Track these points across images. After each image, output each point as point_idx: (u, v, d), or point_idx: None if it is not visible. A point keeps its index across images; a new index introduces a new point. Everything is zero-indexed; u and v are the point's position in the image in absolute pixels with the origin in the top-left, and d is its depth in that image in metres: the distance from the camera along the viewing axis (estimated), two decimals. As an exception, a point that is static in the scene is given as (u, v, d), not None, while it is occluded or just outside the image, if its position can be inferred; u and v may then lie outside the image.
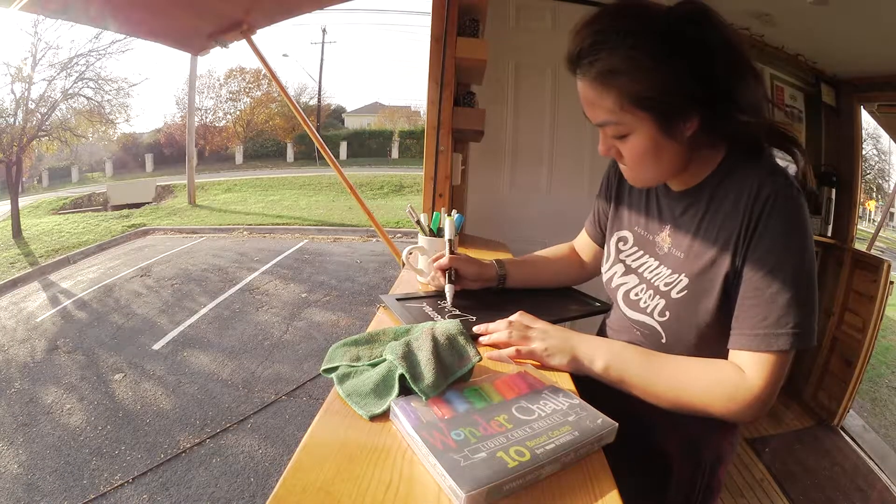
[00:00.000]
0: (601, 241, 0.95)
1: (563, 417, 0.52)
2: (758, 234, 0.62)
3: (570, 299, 0.99)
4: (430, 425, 0.49)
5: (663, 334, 0.72)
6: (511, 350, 0.69)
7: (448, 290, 0.88)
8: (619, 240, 0.83)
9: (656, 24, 0.60)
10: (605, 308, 0.91)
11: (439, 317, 0.81)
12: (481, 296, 0.96)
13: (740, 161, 0.67)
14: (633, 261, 0.80)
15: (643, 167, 0.68)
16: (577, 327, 0.78)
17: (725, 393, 0.62)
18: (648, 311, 0.73)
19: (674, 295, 0.70)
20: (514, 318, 0.74)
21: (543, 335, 0.70)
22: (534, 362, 0.69)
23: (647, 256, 0.77)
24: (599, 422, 0.52)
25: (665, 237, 0.75)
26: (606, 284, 0.85)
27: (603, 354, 0.67)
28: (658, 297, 0.72)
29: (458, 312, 0.84)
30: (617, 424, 0.52)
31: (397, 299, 0.90)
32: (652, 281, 0.74)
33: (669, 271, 0.72)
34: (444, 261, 0.90)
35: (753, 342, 0.62)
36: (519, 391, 0.57)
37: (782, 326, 0.60)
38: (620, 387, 0.67)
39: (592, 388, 0.66)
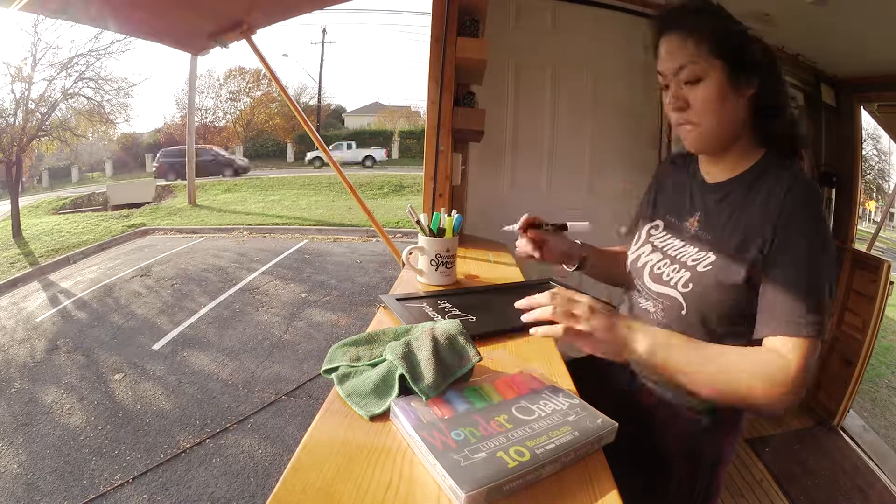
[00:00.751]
0: None
1: (563, 417, 0.52)
2: (793, 231, 0.68)
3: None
4: (430, 425, 0.49)
5: (684, 305, 0.76)
6: (559, 329, 0.64)
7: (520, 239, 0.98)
8: (652, 227, 0.90)
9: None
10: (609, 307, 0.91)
11: (439, 317, 0.81)
12: (481, 296, 0.96)
13: (774, 162, 0.75)
14: (661, 242, 0.86)
15: (707, 115, 0.74)
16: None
17: (769, 375, 0.63)
18: (672, 283, 0.78)
19: (700, 269, 0.75)
20: (556, 290, 0.69)
21: (590, 314, 0.65)
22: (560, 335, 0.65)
23: (674, 238, 0.84)
24: (599, 422, 0.52)
25: (693, 222, 0.81)
26: (632, 264, 0.89)
27: (646, 338, 0.65)
28: (683, 269, 0.77)
29: (457, 312, 0.84)
30: (617, 424, 0.52)
31: (397, 299, 0.90)
32: (677, 257, 0.80)
33: (696, 249, 0.78)
34: (538, 232, 0.98)
35: (791, 328, 0.65)
36: (519, 391, 0.57)
37: (812, 316, 0.65)
38: (662, 372, 0.65)
39: (593, 388, 0.66)
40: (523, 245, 0.99)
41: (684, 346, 0.67)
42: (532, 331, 0.66)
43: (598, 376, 0.82)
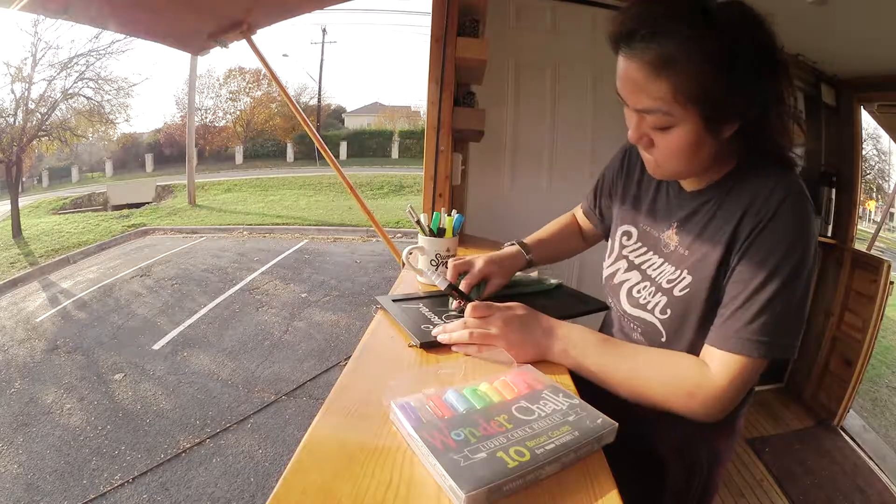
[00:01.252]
0: (595, 212, 0.97)
1: (563, 417, 0.52)
2: (761, 237, 0.61)
3: (570, 298, 0.99)
4: (430, 425, 0.49)
5: (663, 332, 0.71)
6: (473, 349, 0.68)
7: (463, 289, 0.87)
8: (624, 234, 0.82)
9: (714, 19, 0.56)
10: (605, 307, 0.91)
11: (437, 318, 0.81)
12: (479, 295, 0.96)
13: (755, 166, 0.66)
14: (637, 257, 0.78)
15: (675, 161, 0.65)
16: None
17: (685, 389, 0.61)
18: (650, 307, 0.73)
19: (676, 293, 0.69)
20: (467, 312, 0.71)
21: (504, 325, 0.68)
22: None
23: (652, 254, 0.76)
24: (599, 422, 0.52)
25: (671, 235, 0.73)
26: (607, 281, 0.83)
27: (560, 341, 0.67)
28: (660, 293, 0.71)
29: (455, 313, 0.84)
30: (617, 424, 0.52)
31: (394, 300, 0.90)
32: (655, 278, 0.73)
33: (673, 268, 0.71)
34: (476, 272, 0.87)
35: (732, 344, 0.60)
36: (519, 391, 0.57)
37: (765, 335, 0.59)
38: (579, 372, 0.66)
39: (593, 387, 0.66)
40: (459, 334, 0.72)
41: (600, 347, 0.66)
42: (454, 348, 0.70)
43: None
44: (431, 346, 0.71)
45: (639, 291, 0.75)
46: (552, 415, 0.53)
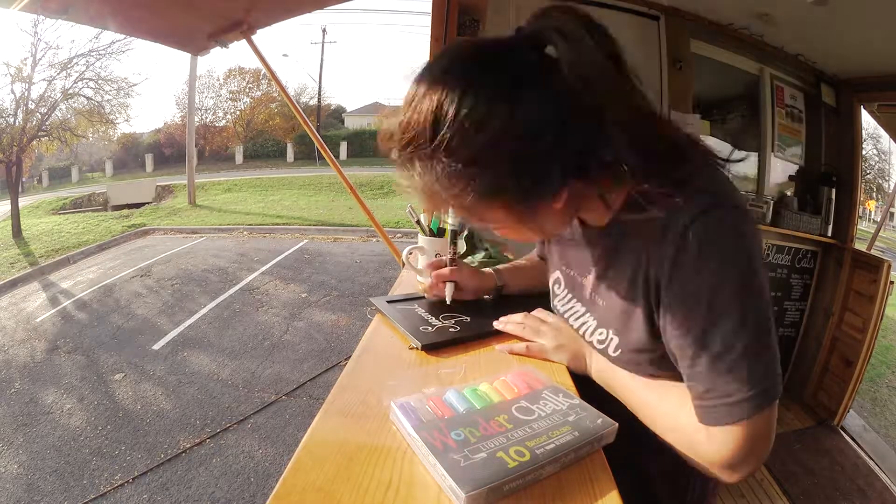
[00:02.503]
0: (546, 256, 0.89)
1: (563, 417, 0.52)
2: (674, 285, 0.50)
3: None
4: (430, 425, 0.49)
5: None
6: (521, 346, 0.71)
7: (448, 289, 0.88)
8: (555, 282, 0.76)
9: (501, 76, 0.46)
10: None
11: (433, 318, 0.81)
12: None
13: (652, 189, 0.49)
14: (564, 307, 0.72)
15: (519, 239, 0.59)
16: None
17: (685, 447, 0.55)
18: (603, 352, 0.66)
19: (612, 353, 0.62)
20: (532, 313, 0.74)
21: (555, 332, 0.70)
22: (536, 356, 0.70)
23: (575, 301, 0.69)
24: (599, 422, 0.52)
25: (591, 280, 0.65)
26: None
27: (599, 359, 0.66)
28: (596, 353, 0.66)
29: (451, 314, 0.84)
30: (617, 424, 0.52)
31: (388, 301, 0.89)
32: (583, 333, 0.67)
33: (595, 324, 0.65)
34: (446, 272, 0.87)
35: (705, 416, 0.51)
36: (519, 391, 0.57)
37: (735, 394, 0.48)
38: (611, 392, 0.65)
39: (593, 388, 0.66)
40: (434, 287, 0.87)
41: (626, 378, 0.61)
42: (498, 347, 0.71)
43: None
44: (433, 347, 0.71)
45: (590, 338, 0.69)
46: (552, 415, 0.53)
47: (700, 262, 0.48)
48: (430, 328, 0.76)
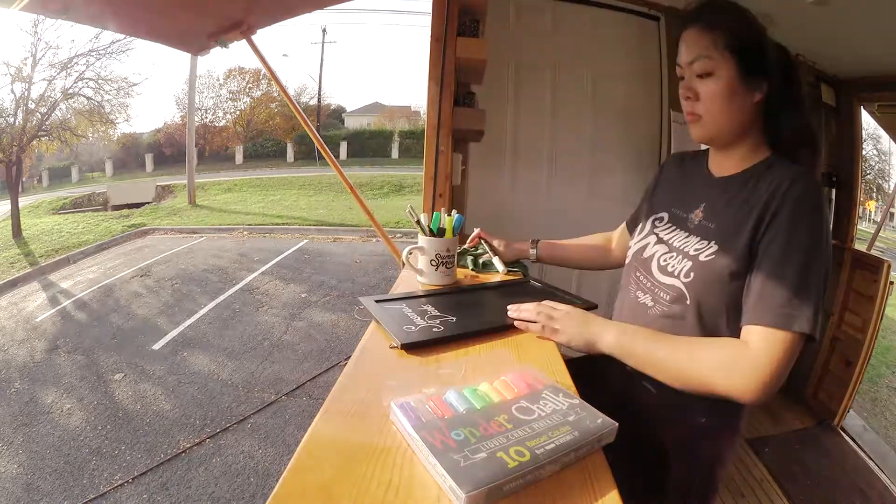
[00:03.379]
0: (634, 222, 1.02)
1: (562, 417, 0.52)
2: (790, 223, 0.67)
3: (553, 298, 0.99)
4: (430, 425, 0.49)
5: (688, 296, 0.76)
6: (537, 326, 0.79)
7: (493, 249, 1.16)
8: (656, 218, 0.91)
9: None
10: (591, 306, 0.93)
11: (419, 318, 0.81)
12: (463, 296, 0.97)
13: (779, 160, 0.76)
14: (666, 234, 0.86)
15: (713, 109, 0.76)
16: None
17: (726, 367, 0.64)
18: (676, 273, 0.79)
19: (702, 258, 0.76)
20: (544, 302, 0.83)
21: (567, 317, 0.78)
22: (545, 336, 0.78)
23: (679, 230, 0.84)
24: (599, 422, 0.52)
25: (698, 213, 0.82)
26: (635, 256, 0.90)
27: (612, 330, 0.75)
28: (686, 259, 0.78)
29: (436, 313, 0.84)
30: (617, 424, 0.52)
31: (376, 301, 0.89)
32: (681, 247, 0.81)
33: (698, 238, 0.79)
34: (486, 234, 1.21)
35: (776, 319, 0.64)
36: (519, 391, 0.57)
37: (804, 310, 0.63)
38: (629, 362, 0.72)
39: (592, 388, 0.66)
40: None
41: (648, 335, 0.74)
42: (516, 322, 0.81)
43: (597, 376, 0.82)
44: (413, 346, 0.71)
45: (666, 261, 0.82)
46: (552, 415, 0.53)
47: (807, 213, 0.68)
48: (413, 328, 0.77)
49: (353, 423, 0.53)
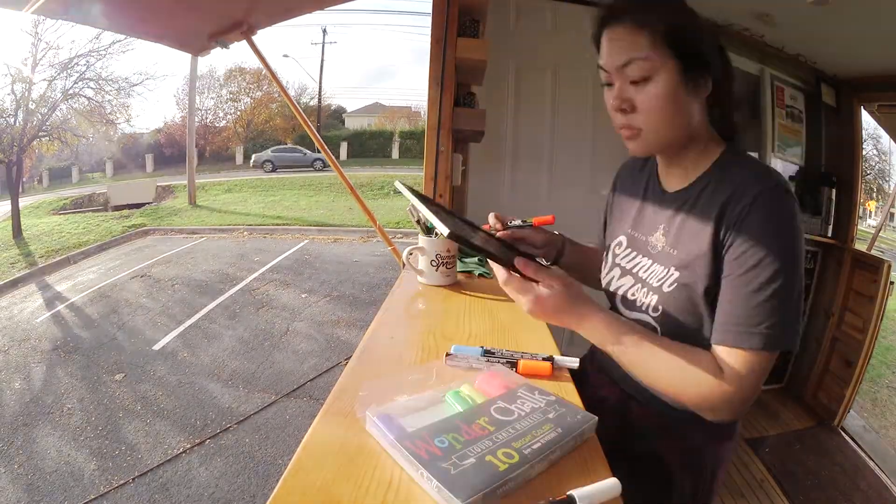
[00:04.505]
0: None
1: (543, 415, 0.52)
2: (742, 231, 0.62)
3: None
4: (413, 435, 0.48)
5: (659, 329, 0.71)
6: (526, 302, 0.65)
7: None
8: (616, 244, 0.84)
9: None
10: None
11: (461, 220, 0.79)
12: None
13: (732, 161, 0.68)
14: (627, 262, 0.80)
15: (656, 118, 0.66)
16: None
17: (699, 389, 0.61)
18: (643, 308, 0.73)
19: (665, 289, 0.70)
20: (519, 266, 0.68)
21: (560, 285, 0.64)
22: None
23: (641, 256, 0.77)
24: (580, 417, 0.52)
25: (659, 237, 0.74)
26: (605, 289, 0.84)
27: (589, 321, 0.65)
28: (651, 293, 0.72)
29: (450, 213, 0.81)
30: (596, 418, 0.53)
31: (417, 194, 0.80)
32: (646, 279, 0.74)
33: (662, 267, 0.72)
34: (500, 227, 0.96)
35: (728, 337, 0.61)
36: (496, 391, 0.57)
37: (755, 325, 0.59)
38: (603, 350, 0.66)
39: (589, 398, 0.65)
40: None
41: (633, 343, 0.64)
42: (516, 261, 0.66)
43: (593, 386, 0.82)
44: (459, 240, 0.61)
45: (633, 294, 0.76)
46: (532, 413, 0.52)
47: (766, 221, 0.61)
48: (460, 221, 0.74)
49: (353, 423, 0.53)
